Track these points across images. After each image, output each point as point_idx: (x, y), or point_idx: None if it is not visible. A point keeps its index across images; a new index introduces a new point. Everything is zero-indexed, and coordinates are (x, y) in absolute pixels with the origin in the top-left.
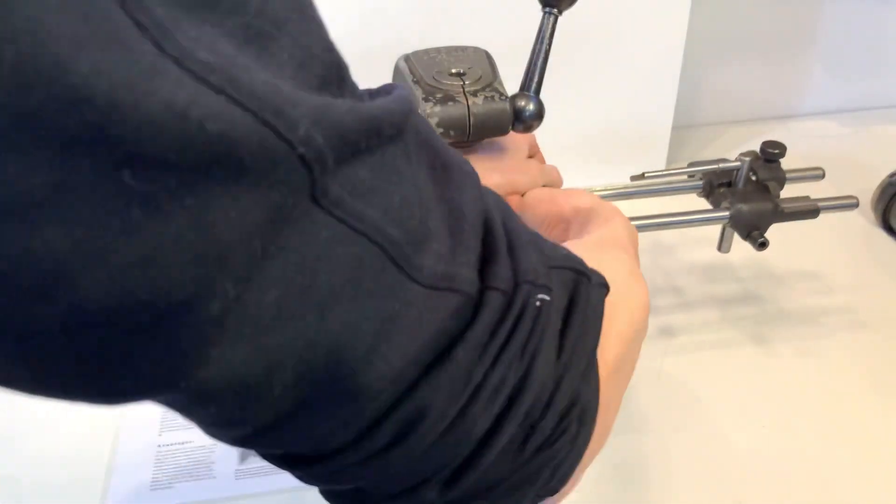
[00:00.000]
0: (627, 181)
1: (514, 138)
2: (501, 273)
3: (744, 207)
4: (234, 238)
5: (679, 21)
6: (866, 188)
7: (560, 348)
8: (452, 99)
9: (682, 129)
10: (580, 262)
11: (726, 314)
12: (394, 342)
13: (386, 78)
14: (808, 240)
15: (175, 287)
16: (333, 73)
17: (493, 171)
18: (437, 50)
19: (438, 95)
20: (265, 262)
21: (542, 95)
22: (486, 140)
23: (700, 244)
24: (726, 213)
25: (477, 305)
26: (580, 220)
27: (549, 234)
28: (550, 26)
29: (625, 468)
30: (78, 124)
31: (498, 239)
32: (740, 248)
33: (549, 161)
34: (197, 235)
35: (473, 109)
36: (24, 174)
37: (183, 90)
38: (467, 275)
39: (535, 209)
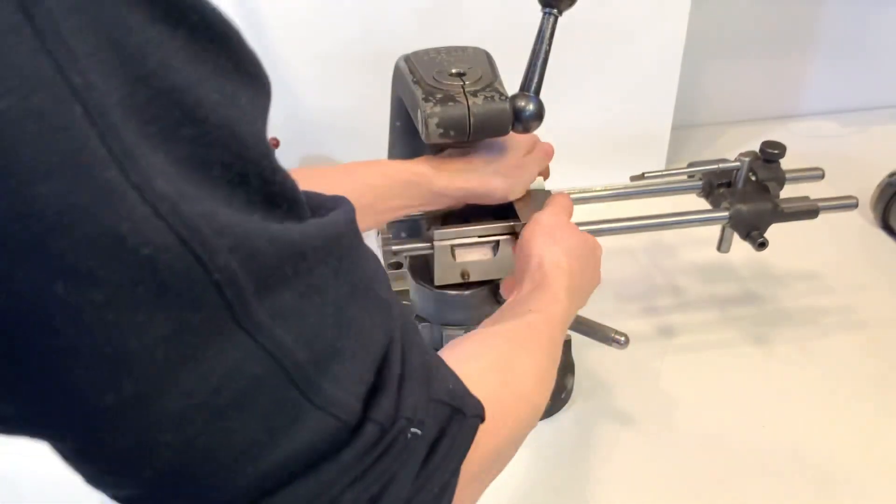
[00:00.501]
0: (627, 181)
1: (512, 135)
2: (385, 406)
3: (743, 208)
4: (140, 347)
5: (679, 21)
6: (865, 188)
7: (418, 474)
8: (452, 99)
9: (681, 129)
10: (461, 396)
11: (726, 314)
12: (269, 452)
13: (386, 78)
14: (807, 240)
15: (80, 380)
16: (270, 197)
17: (494, 175)
18: (438, 50)
19: (438, 95)
20: (172, 371)
21: (542, 96)
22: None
23: (700, 244)
24: (726, 214)
25: (354, 430)
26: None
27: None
28: (550, 27)
29: (624, 468)
30: (26, 236)
31: (392, 371)
32: (740, 248)
33: (548, 162)
34: (107, 343)
35: (473, 109)
36: None
37: (129, 215)
38: (353, 404)
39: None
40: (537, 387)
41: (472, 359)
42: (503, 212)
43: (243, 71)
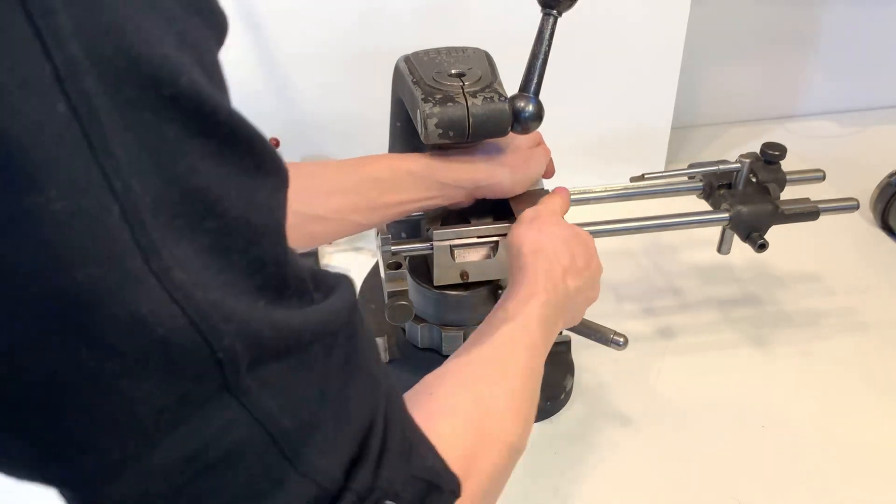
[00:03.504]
0: (627, 182)
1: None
2: (362, 477)
3: (744, 209)
4: (147, 413)
5: (679, 21)
6: (866, 188)
7: None
8: (452, 100)
9: (681, 129)
10: (439, 472)
11: (726, 315)
12: None
13: (386, 78)
14: (807, 240)
15: (92, 436)
16: (277, 282)
17: (501, 166)
18: (437, 50)
19: (438, 96)
20: (168, 431)
21: (542, 96)
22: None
23: (700, 246)
24: (726, 215)
25: (333, 499)
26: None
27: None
28: (550, 27)
29: (624, 468)
30: (61, 312)
31: (373, 445)
32: (740, 249)
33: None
34: (121, 409)
35: (473, 110)
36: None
37: (150, 300)
38: (335, 473)
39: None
40: (516, 424)
41: (447, 414)
42: (503, 212)
43: (264, 169)
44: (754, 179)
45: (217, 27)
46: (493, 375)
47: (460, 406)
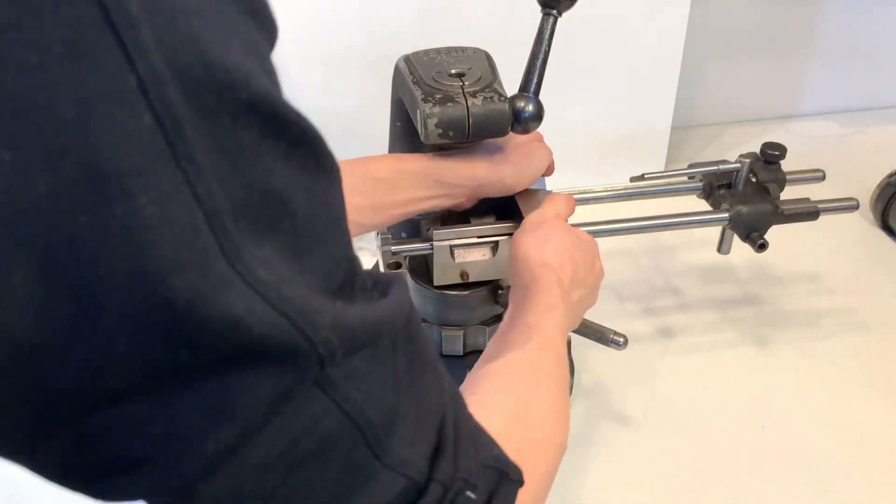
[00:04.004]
0: (627, 182)
1: None
2: (445, 468)
3: (743, 209)
4: (245, 406)
5: (679, 21)
6: (865, 188)
7: None
8: (452, 100)
9: (681, 129)
10: (505, 462)
11: (726, 315)
12: None
13: (386, 78)
14: (806, 241)
15: (192, 425)
16: (349, 279)
17: (503, 163)
18: (437, 51)
19: (438, 96)
20: (262, 425)
21: (542, 96)
22: None
23: (700, 246)
24: (726, 215)
25: (421, 491)
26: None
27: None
28: (550, 27)
29: (624, 467)
30: (160, 317)
31: (448, 435)
32: (740, 249)
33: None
34: (219, 401)
35: (473, 110)
36: (119, 351)
37: (242, 301)
38: (420, 464)
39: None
40: (558, 425)
41: (493, 412)
42: (506, 212)
43: (323, 167)
44: (754, 179)
45: (270, 31)
46: (530, 379)
47: (505, 406)
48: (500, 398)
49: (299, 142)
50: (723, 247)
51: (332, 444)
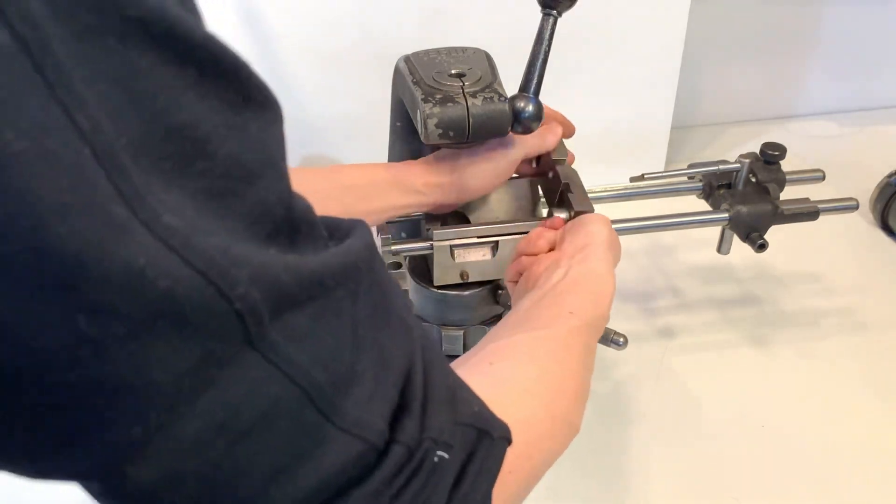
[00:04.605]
0: (627, 182)
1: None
2: (409, 428)
3: (743, 209)
4: (166, 378)
5: (678, 21)
6: (865, 188)
7: (449, 499)
8: (452, 100)
9: (681, 129)
10: (487, 418)
11: (726, 315)
12: (296, 478)
13: (387, 78)
14: (806, 241)
15: (108, 414)
16: (289, 225)
17: (515, 146)
18: (437, 51)
19: (438, 96)
20: (192, 398)
21: (542, 96)
22: None
23: (700, 246)
24: (726, 215)
25: (381, 454)
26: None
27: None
28: (550, 27)
29: (624, 467)
30: (47, 274)
31: (415, 392)
32: (740, 249)
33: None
34: (133, 375)
35: (472, 110)
36: None
37: (144, 252)
38: (379, 425)
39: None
40: (576, 405)
41: (510, 383)
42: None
43: (253, 102)
44: (754, 179)
45: None
46: (558, 354)
47: (525, 378)
48: (520, 372)
49: (214, 70)
50: (723, 247)
51: (277, 410)
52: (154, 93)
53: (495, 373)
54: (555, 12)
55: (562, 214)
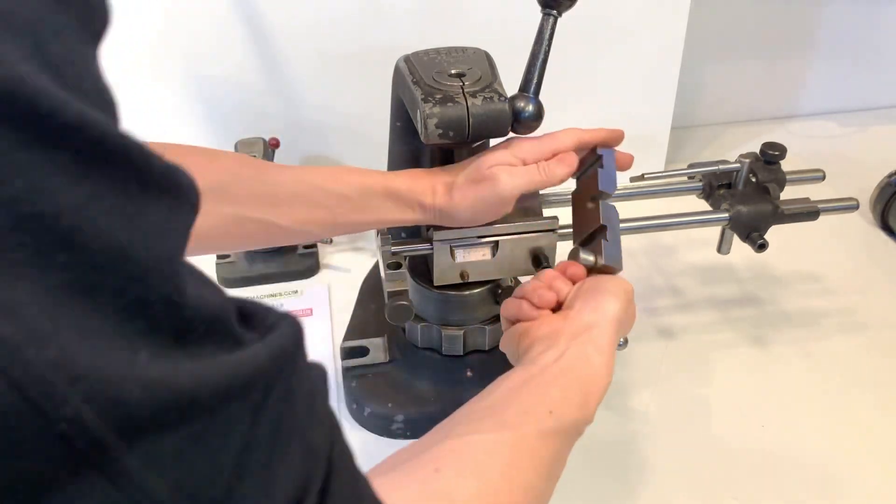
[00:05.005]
0: (627, 182)
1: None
2: None
3: (743, 209)
4: None
5: (679, 21)
6: (865, 188)
7: None
8: (451, 100)
9: (681, 129)
10: None
11: (726, 315)
12: None
13: (386, 78)
14: (806, 241)
15: None
16: (174, 325)
17: (515, 179)
18: (437, 51)
19: (438, 96)
20: None
21: (542, 96)
22: None
23: (699, 246)
24: (726, 215)
25: None
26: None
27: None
28: (550, 27)
29: (624, 467)
30: None
31: None
32: (740, 249)
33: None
34: None
35: (472, 110)
36: None
37: None
38: None
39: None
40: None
41: (450, 494)
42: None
43: (154, 187)
44: (754, 179)
45: (88, 17)
46: (513, 464)
47: (465, 495)
48: (460, 485)
49: (94, 153)
50: (723, 247)
51: None
52: (6, 177)
53: (437, 482)
54: (555, 12)
55: (588, 257)
